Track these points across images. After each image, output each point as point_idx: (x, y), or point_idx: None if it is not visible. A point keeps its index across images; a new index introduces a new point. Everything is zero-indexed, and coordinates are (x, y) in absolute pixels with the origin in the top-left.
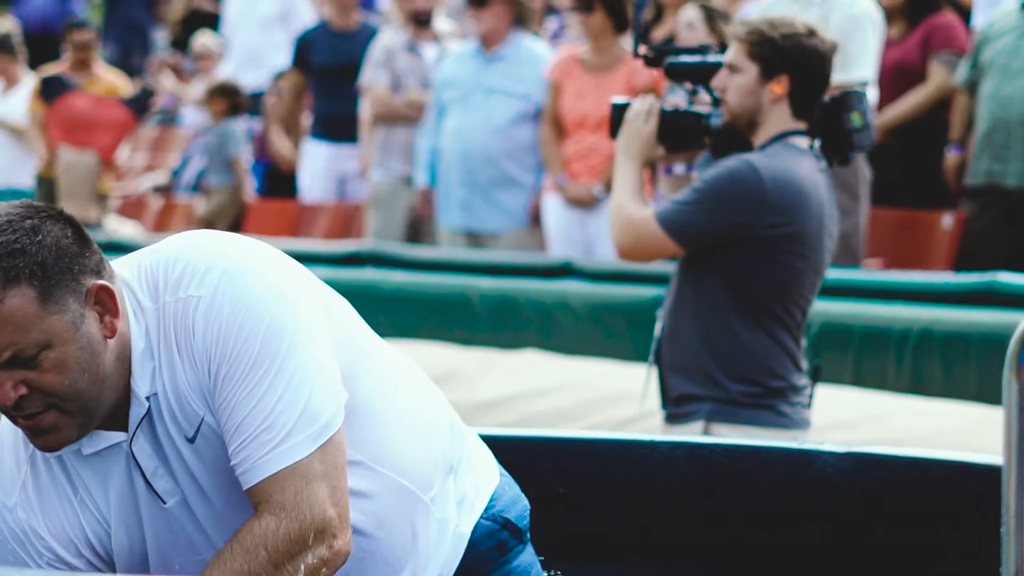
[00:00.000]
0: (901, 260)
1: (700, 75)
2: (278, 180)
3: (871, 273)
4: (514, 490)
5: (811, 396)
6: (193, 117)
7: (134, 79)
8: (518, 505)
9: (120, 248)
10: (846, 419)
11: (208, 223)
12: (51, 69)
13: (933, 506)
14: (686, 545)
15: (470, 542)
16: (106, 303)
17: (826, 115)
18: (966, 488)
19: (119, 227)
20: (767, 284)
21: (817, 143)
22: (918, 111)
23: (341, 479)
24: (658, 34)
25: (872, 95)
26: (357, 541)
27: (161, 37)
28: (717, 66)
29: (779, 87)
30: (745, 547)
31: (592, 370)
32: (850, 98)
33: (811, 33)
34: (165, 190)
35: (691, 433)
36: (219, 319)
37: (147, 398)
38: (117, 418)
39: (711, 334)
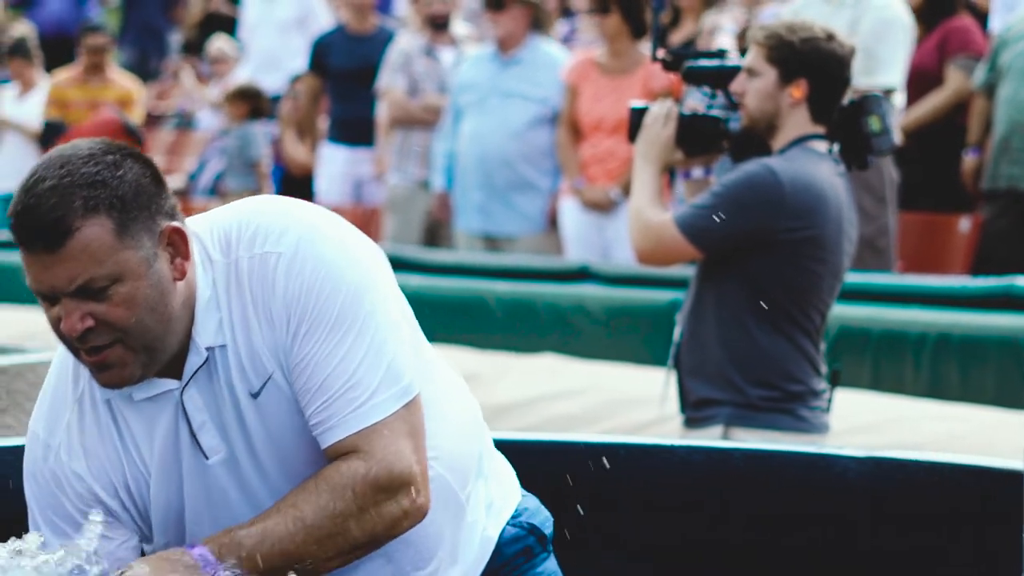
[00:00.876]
0: (919, 264)
1: (719, 79)
2: (294, 184)
3: (889, 277)
4: (535, 500)
5: (830, 400)
6: (209, 120)
7: (149, 83)
8: (541, 514)
9: None
10: (864, 423)
11: None
12: (64, 73)
13: (951, 510)
14: (704, 549)
15: (497, 545)
16: (178, 245)
17: (845, 119)
18: (985, 492)
19: None
20: (786, 288)
21: (836, 147)
22: (936, 115)
23: (422, 441)
24: (676, 38)
25: (900, 100)
26: None
27: (176, 41)
28: (736, 70)
29: (798, 91)
30: (763, 551)
31: (609, 374)
32: (869, 102)
33: (830, 37)
34: (182, 194)
35: (710, 437)
36: (300, 277)
37: (207, 349)
38: (172, 366)
39: (730, 338)
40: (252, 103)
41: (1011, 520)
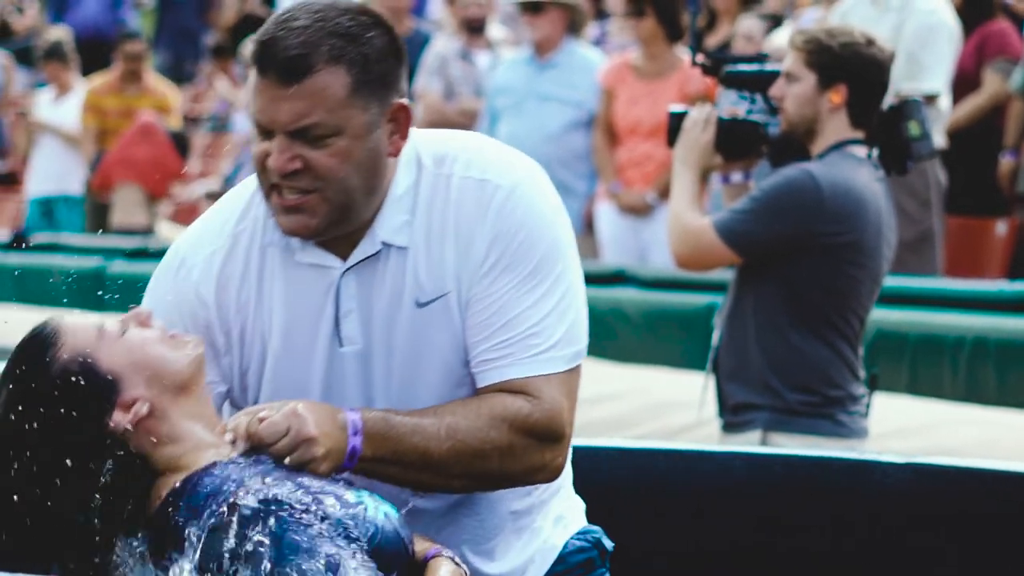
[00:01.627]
0: (955, 267)
1: (758, 84)
2: None
3: (926, 280)
4: (598, 528)
5: (868, 405)
6: (245, 123)
7: (184, 86)
8: (600, 531)
9: None
10: (901, 427)
11: None
12: (100, 79)
13: (990, 516)
14: (743, 555)
15: (561, 555)
16: (401, 123)
17: (884, 124)
18: None
19: (172, 233)
20: (825, 293)
21: (875, 152)
22: (973, 118)
23: (575, 407)
24: (711, 41)
25: (945, 104)
26: (478, 495)
27: (212, 44)
28: (775, 75)
29: (837, 96)
30: (803, 557)
31: (647, 378)
32: (908, 107)
33: (870, 42)
34: (218, 196)
35: (749, 442)
36: (513, 215)
37: (383, 243)
38: (342, 246)
39: (769, 342)
40: None
41: None
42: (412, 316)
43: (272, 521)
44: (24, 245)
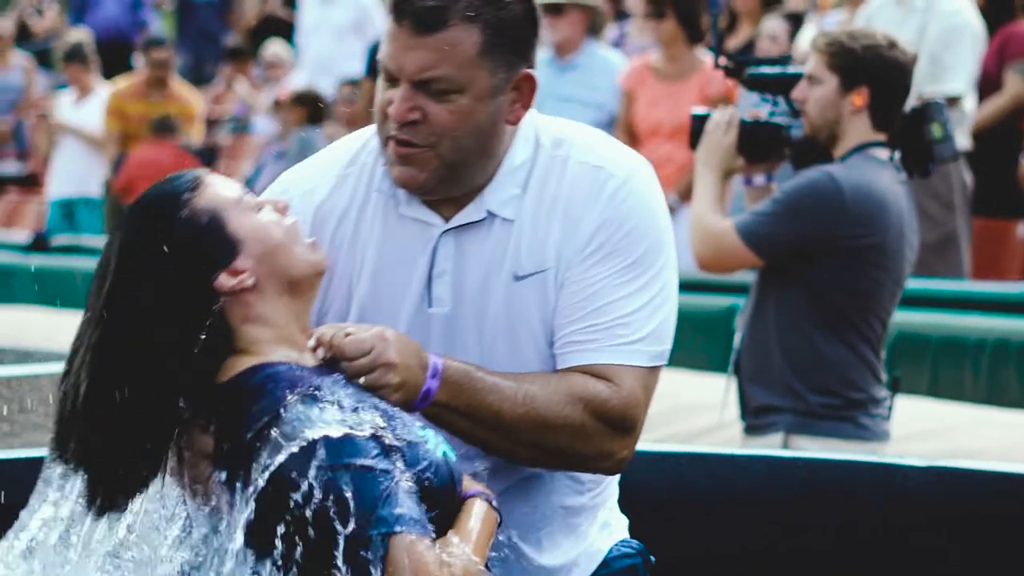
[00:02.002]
0: (976, 269)
1: (780, 86)
2: None
3: (947, 283)
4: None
5: (890, 408)
6: (265, 125)
7: (203, 87)
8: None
9: None
10: (922, 430)
11: None
12: (124, 82)
13: (1014, 518)
14: (764, 558)
15: (607, 560)
16: (525, 93)
17: (907, 126)
18: None
19: None
20: (847, 295)
21: (897, 154)
22: (994, 120)
23: (648, 407)
24: (732, 43)
25: (970, 105)
26: (533, 479)
27: (232, 45)
28: (797, 77)
29: (859, 98)
30: (824, 560)
31: (669, 379)
32: (931, 109)
33: (892, 44)
34: None
35: (771, 445)
36: (623, 205)
37: (488, 212)
38: (447, 206)
39: (791, 345)
40: (309, 108)
41: None
42: (508, 288)
43: (334, 415)
44: (45, 247)
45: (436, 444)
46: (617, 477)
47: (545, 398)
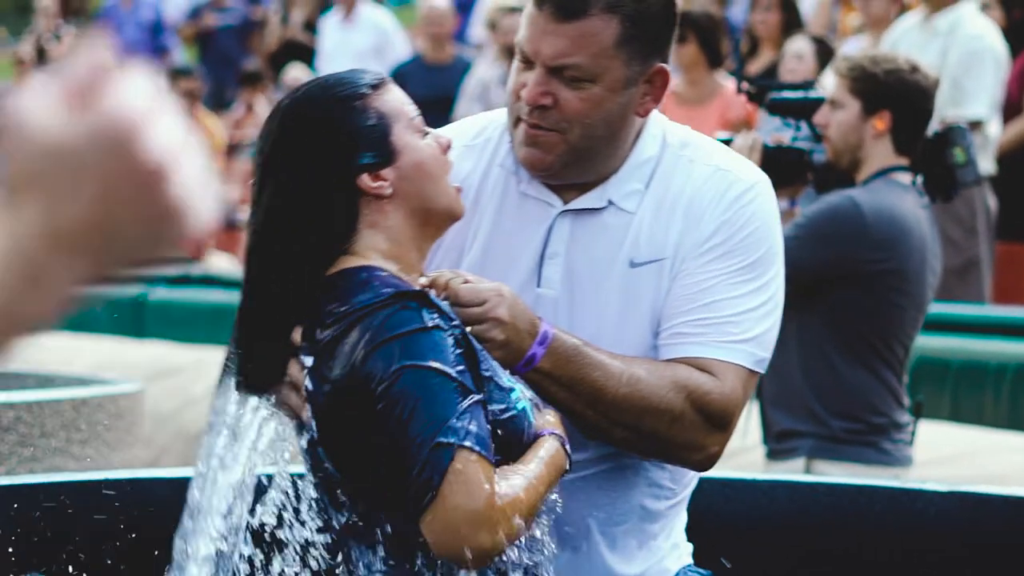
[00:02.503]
0: (998, 294)
1: (803, 111)
2: None
3: (968, 307)
4: None
5: (913, 433)
6: None
7: (223, 112)
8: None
9: (215, 281)
10: (943, 455)
11: None
12: None
13: None
14: None
15: None
16: (657, 87)
17: (929, 151)
18: None
19: (213, 260)
20: (869, 320)
21: (920, 179)
22: (1018, 144)
23: (743, 411)
24: (753, 67)
25: (994, 130)
26: (615, 472)
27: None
28: (819, 102)
29: (881, 123)
30: None
31: None
32: (953, 133)
33: (914, 69)
34: None
35: (793, 470)
36: (745, 210)
37: (608, 201)
38: (571, 191)
39: (813, 370)
40: None
41: None
42: (622, 274)
43: (429, 321)
44: None
45: (519, 398)
46: (687, 501)
47: (649, 382)
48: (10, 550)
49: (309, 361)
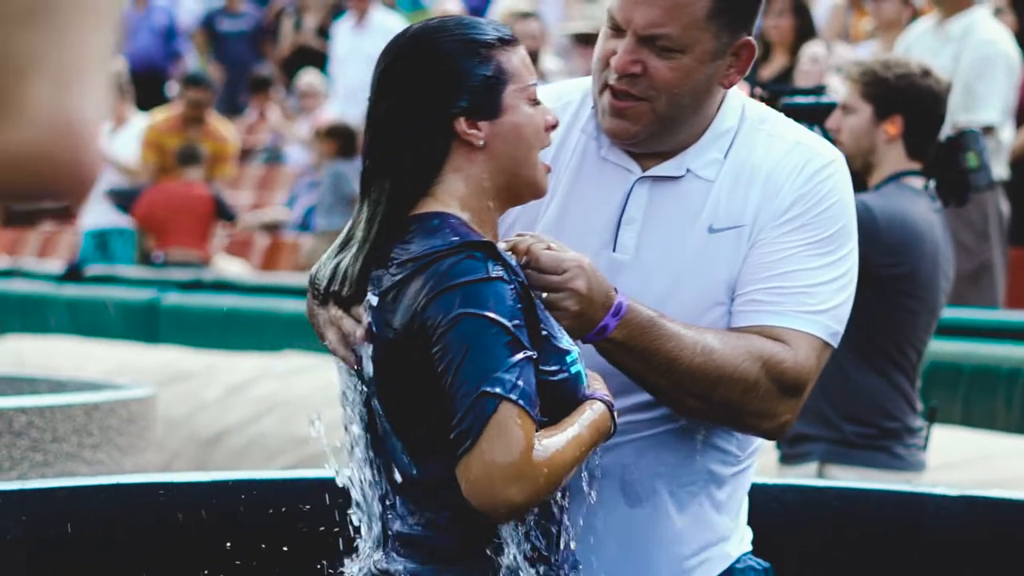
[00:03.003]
0: (1011, 299)
1: (815, 116)
2: None
3: (981, 312)
4: None
5: (927, 438)
6: (298, 156)
7: (236, 118)
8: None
9: (227, 287)
10: (955, 459)
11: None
12: (162, 114)
13: None
14: None
15: (734, 568)
16: (743, 59)
17: (942, 155)
18: None
19: (226, 265)
20: (881, 325)
21: (932, 183)
22: None
23: (813, 382)
24: (765, 72)
25: (1007, 135)
26: (682, 432)
27: (266, 75)
28: (832, 107)
29: (893, 127)
30: None
31: None
32: (966, 138)
33: (926, 73)
34: (272, 228)
35: (805, 474)
36: (825, 184)
37: (687, 170)
38: (651, 159)
39: (825, 374)
40: (342, 141)
41: None
42: (701, 240)
43: (493, 271)
44: (78, 277)
45: (575, 362)
46: (751, 471)
47: (724, 352)
48: (23, 554)
49: (375, 300)
